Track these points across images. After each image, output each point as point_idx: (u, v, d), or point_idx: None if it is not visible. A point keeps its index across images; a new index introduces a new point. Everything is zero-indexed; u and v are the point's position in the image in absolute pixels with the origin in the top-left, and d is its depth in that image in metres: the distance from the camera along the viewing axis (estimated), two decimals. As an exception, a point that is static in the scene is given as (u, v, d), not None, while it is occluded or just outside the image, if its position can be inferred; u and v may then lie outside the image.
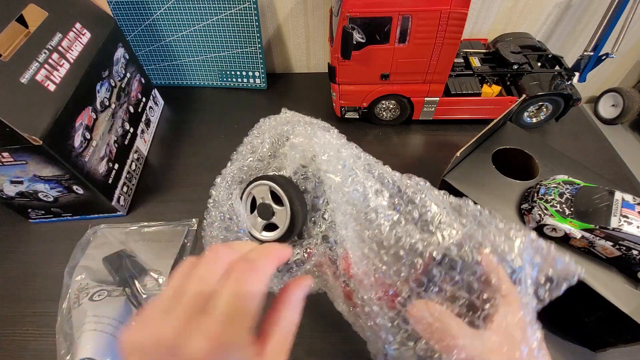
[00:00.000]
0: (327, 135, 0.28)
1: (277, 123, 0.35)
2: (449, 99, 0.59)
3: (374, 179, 0.26)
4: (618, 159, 0.60)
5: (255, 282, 0.19)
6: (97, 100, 0.49)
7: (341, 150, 0.26)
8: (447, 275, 0.22)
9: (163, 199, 0.56)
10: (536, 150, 0.46)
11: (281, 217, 0.28)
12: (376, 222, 0.24)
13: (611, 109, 0.90)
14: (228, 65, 0.71)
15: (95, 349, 0.37)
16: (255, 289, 0.19)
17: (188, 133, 0.66)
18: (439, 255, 0.22)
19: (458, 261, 0.22)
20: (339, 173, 0.25)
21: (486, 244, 0.22)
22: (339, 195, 0.25)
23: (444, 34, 0.49)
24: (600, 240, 0.34)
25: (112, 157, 0.52)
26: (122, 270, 0.44)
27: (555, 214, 0.36)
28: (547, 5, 0.67)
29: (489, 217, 0.25)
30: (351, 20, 0.48)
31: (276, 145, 0.33)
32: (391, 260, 0.23)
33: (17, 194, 0.48)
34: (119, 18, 0.65)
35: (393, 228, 0.23)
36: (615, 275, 0.35)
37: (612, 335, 0.37)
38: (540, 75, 0.58)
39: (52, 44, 0.44)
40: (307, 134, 0.28)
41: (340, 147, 0.27)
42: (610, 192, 0.35)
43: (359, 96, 0.60)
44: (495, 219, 0.25)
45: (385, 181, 0.26)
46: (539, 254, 0.23)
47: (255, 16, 0.63)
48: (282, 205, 0.27)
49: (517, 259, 0.23)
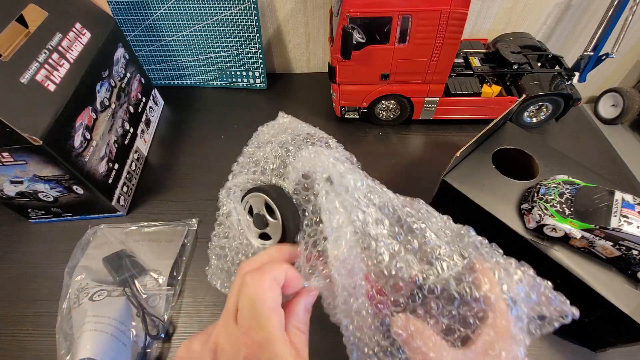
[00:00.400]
0: (331, 159, 0.27)
1: (276, 131, 0.35)
2: (449, 99, 0.59)
3: (375, 206, 0.26)
4: (618, 159, 0.60)
5: (262, 282, 0.22)
6: (97, 100, 0.49)
7: (344, 176, 0.26)
8: (445, 309, 0.22)
9: (163, 199, 0.56)
10: (536, 150, 0.46)
11: (274, 229, 0.28)
12: (376, 251, 0.24)
13: (611, 109, 0.90)
14: (228, 65, 0.71)
15: (95, 348, 0.37)
16: (265, 286, 0.22)
17: (188, 133, 0.66)
18: (438, 289, 0.22)
19: (456, 296, 0.22)
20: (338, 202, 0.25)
21: (485, 281, 0.22)
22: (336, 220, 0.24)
23: (444, 34, 0.49)
24: (600, 240, 0.34)
25: (112, 157, 0.52)
26: (122, 270, 0.44)
27: (555, 214, 0.36)
28: (547, 5, 0.67)
29: (489, 249, 0.25)
30: (351, 20, 0.48)
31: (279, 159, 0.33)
32: (390, 290, 0.23)
33: (17, 194, 0.48)
34: (119, 18, 0.65)
35: (393, 258, 0.23)
36: (615, 275, 0.35)
37: (612, 335, 0.37)
38: (540, 75, 0.58)
39: (52, 44, 0.44)
40: (310, 159, 0.28)
41: (344, 173, 0.27)
42: (610, 192, 0.35)
43: (359, 96, 0.60)
44: (495, 251, 0.25)
45: (385, 210, 0.26)
46: (535, 290, 0.23)
47: (255, 16, 0.63)
48: (275, 218, 0.27)
49: (513, 294, 0.23)
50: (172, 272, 0.46)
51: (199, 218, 0.52)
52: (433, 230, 0.25)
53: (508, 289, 0.23)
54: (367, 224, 0.24)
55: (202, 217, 0.53)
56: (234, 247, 0.32)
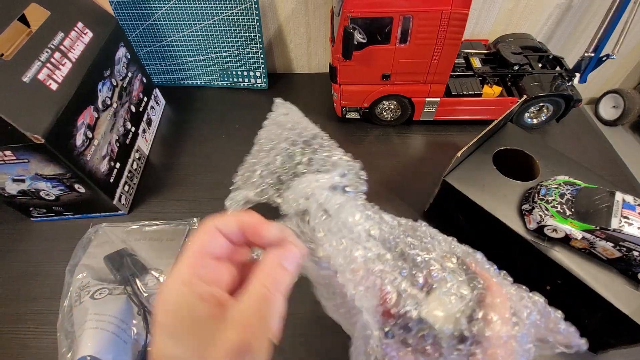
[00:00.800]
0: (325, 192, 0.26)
1: (277, 130, 0.34)
2: (449, 100, 0.59)
3: (375, 239, 0.24)
4: (619, 160, 0.60)
5: (199, 229, 0.21)
6: (98, 100, 0.49)
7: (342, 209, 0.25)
8: (452, 347, 0.22)
9: (164, 198, 0.56)
10: (537, 151, 0.46)
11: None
12: (382, 289, 0.22)
13: (612, 110, 0.90)
14: (229, 65, 0.71)
15: (96, 346, 0.37)
16: (198, 232, 0.21)
17: (189, 132, 0.66)
18: (448, 331, 0.22)
19: (468, 335, 0.21)
20: (336, 241, 0.24)
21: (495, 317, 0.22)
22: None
23: (445, 34, 0.49)
24: (600, 241, 0.34)
25: (113, 156, 0.52)
26: (123, 268, 0.44)
27: (556, 215, 0.36)
28: (548, 6, 0.67)
29: (499, 277, 0.24)
30: (352, 20, 0.48)
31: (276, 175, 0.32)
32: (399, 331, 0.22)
33: (18, 192, 0.48)
34: (121, 18, 0.65)
35: (400, 296, 0.22)
36: (616, 277, 0.35)
37: (612, 337, 0.37)
38: (541, 76, 0.58)
39: (54, 43, 0.44)
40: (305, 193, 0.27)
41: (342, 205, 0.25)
42: (611, 193, 0.35)
43: (360, 96, 0.60)
44: (505, 279, 0.24)
45: (387, 244, 0.25)
46: (544, 317, 0.23)
47: (257, 16, 0.63)
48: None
49: (522, 320, 0.22)
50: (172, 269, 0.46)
51: (200, 217, 0.52)
52: (439, 261, 0.24)
53: (517, 315, 0.22)
54: (369, 261, 0.23)
55: (203, 217, 0.52)
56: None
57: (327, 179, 0.27)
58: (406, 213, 0.51)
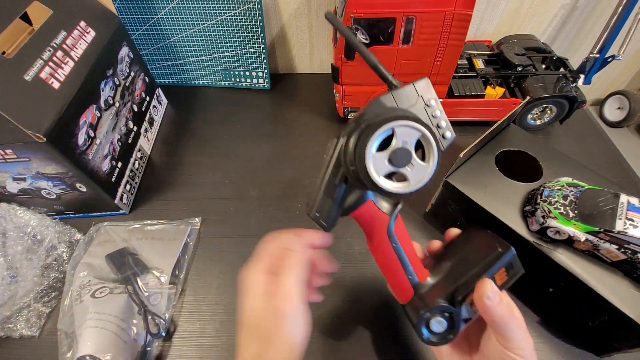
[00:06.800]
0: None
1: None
2: (452, 101, 0.59)
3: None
4: (623, 162, 0.59)
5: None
6: (101, 99, 0.49)
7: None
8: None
9: (166, 198, 0.56)
10: (540, 152, 0.45)
11: (416, 174, 0.24)
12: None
13: (617, 112, 0.90)
14: (232, 65, 0.71)
15: (96, 345, 0.37)
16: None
17: (191, 132, 0.66)
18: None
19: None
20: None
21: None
22: None
23: (447, 35, 0.49)
24: (605, 243, 0.34)
25: (115, 156, 0.52)
26: (124, 267, 0.44)
27: (559, 216, 0.36)
28: (552, 7, 0.67)
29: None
30: (355, 20, 0.48)
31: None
32: None
33: (19, 191, 0.48)
34: (124, 17, 0.66)
35: None
36: (620, 279, 0.35)
37: (616, 340, 0.36)
38: (545, 77, 0.57)
39: (56, 42, 0.44)
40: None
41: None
42: (616, 195, 0.35)
43: (362, 97, 0.59)
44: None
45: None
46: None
47: (259, 16, 0.63)
48: (425, 162, 0.24)
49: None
50: (174, 270, 0.46)
51: (201, 217, 0.52)
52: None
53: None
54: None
55: (205, 216, 0.53)
56: None
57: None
58: (407, 213, 0.51)
